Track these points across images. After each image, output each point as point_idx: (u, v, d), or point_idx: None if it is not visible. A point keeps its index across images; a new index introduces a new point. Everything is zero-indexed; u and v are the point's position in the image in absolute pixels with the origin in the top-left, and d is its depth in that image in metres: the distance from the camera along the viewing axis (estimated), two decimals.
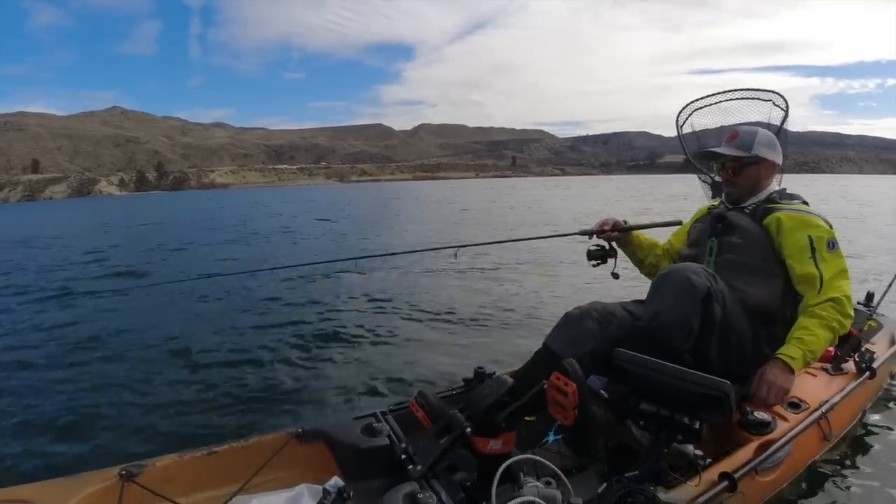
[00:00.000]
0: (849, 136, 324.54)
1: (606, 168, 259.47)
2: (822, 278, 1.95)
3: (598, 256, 2.45)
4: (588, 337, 2.00)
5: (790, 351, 1.92)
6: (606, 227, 2.45)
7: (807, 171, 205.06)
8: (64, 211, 47.96)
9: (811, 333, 1.91)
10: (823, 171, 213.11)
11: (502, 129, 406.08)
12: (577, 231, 2.57)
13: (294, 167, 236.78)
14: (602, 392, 1.98)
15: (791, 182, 2.37)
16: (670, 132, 2.98)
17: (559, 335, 2.08)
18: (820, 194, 24.83)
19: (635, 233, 2.49)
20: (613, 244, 2.46)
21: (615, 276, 2.41)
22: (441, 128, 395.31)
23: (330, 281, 7.42)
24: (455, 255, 2.80)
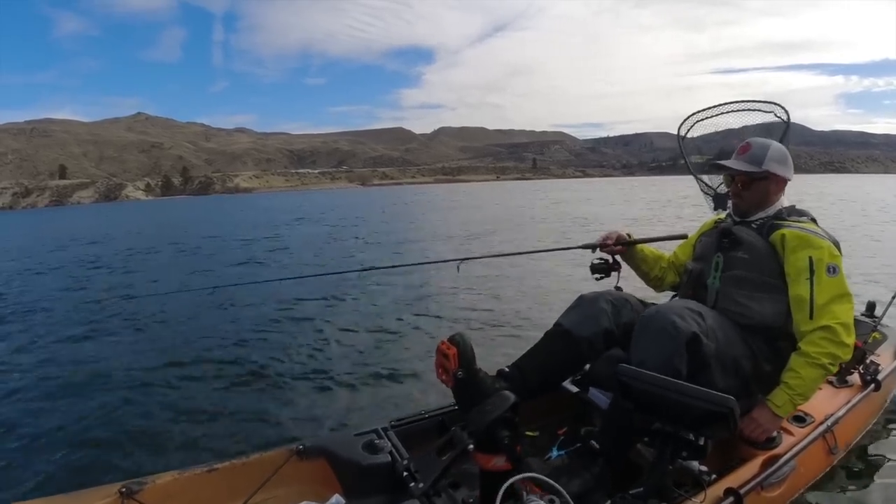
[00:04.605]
0: (874, 136, 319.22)
1: (628, 169, 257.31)
2: (812, 303, 1.89)
3: (602, 270, 2.46)
4: (603, 316, 2.04)
5: (776, 398, 1.93)
6: (609, 241, 2.44)
7: (832, 171, 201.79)
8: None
9: (797, 375, 1.88)
10: (849, 171, 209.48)
11: (522, 132, 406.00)
12: (580, 245, 2.57)
13: (316, 171, 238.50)
14: (506, 368, 2.02)
15: (818, 182, 2.31)
16: (692, 133, 2.94)
17: (573, 314, 2.11)
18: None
19: (639, 246, 2.48)
20: (617, 258, 2.47)
21: (618, 289, 2.39)
22: (461, 131, 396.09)
23: (330, 294, 7.31)
24: (458, 268, 2.78)
